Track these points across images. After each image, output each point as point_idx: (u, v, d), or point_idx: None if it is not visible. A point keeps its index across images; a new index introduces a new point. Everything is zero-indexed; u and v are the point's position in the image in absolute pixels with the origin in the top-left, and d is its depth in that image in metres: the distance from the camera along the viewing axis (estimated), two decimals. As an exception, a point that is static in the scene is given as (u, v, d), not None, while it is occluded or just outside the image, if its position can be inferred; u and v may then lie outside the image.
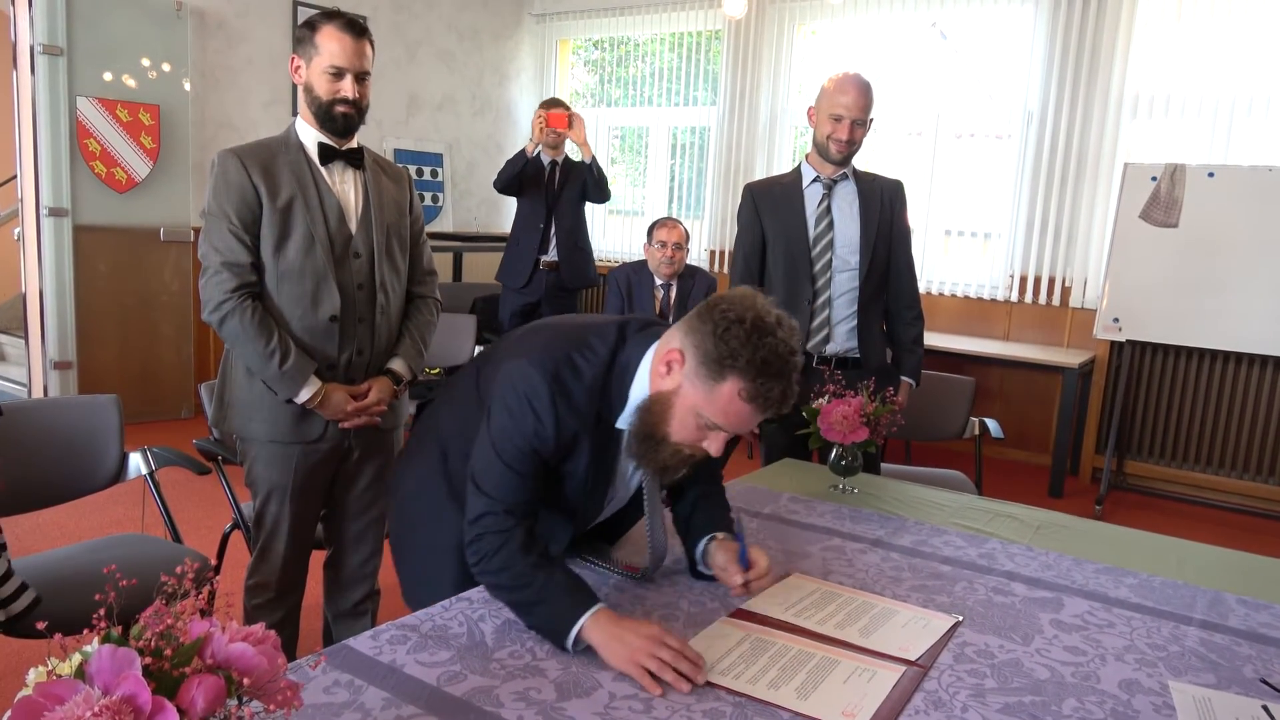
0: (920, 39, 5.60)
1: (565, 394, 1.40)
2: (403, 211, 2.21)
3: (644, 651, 1.24)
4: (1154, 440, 4.97)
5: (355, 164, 2.11)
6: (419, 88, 6.35)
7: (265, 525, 2.14)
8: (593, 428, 1.43)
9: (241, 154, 2.02)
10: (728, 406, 1.32)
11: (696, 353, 1.32)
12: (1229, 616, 1.58)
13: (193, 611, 0.85)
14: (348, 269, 2.07)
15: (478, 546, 1.39)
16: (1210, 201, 4.46)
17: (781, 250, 2.67)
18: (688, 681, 1.22)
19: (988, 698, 1.25)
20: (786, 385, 1.32)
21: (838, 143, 2.57)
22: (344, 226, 2.07)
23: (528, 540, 1.39)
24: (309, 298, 2.03)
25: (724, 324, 1.30)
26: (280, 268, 2.02)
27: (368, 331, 2.13)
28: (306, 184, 2.04)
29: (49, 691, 0.76)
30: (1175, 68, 4.81)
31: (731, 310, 1.31)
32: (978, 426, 3.26)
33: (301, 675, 1.18)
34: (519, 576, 1.35)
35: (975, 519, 2.04)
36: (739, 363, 1.28)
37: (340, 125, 2.04)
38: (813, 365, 2.65)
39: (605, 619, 1.30)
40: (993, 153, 5.47)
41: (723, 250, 6.29)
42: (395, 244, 2.17)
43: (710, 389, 1.31)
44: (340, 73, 1.99)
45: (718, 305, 1.33)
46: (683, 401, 1.34)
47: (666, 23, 6.47)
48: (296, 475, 2.11)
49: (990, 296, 5.42)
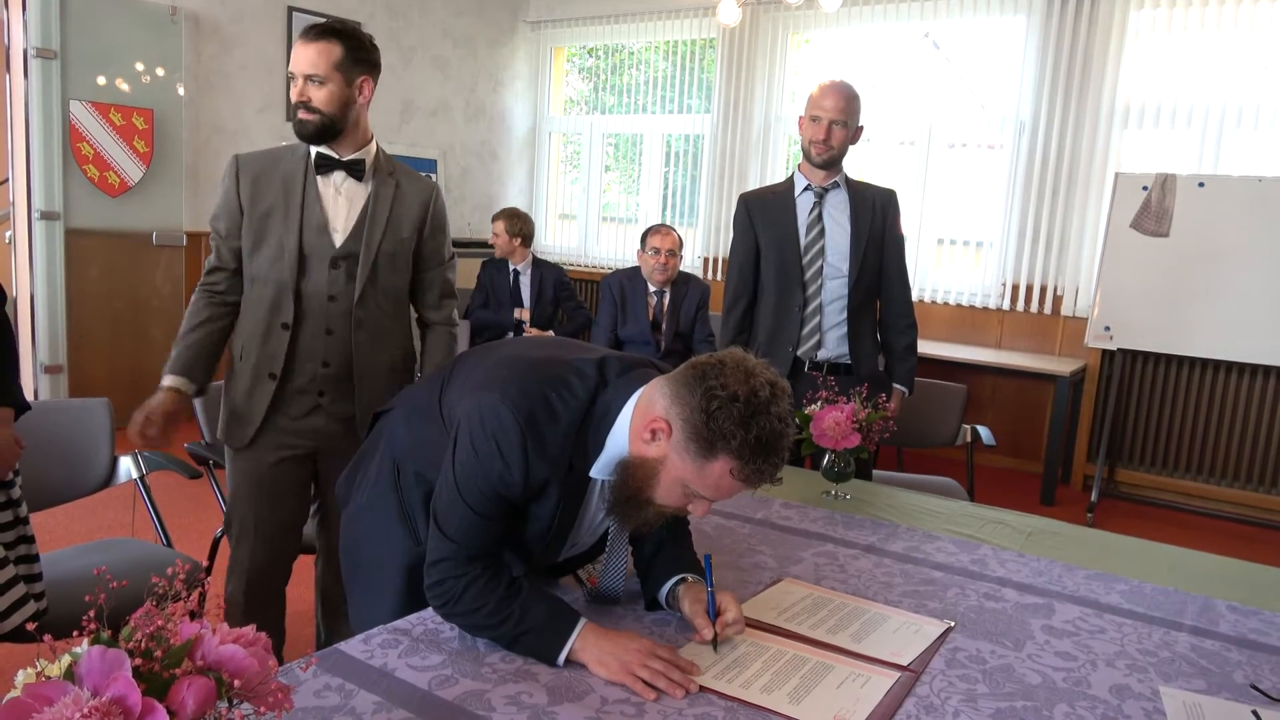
0: (913, 49, 5.63)
1: (539, 439, 1.29)
2: (414, 227, 2.15)
3: (637, 663, 1.24)
4: (1145, 448, 4.98)
5: (355, 174, 2.08)
6: (413, 94, 6.35)
7: (231, 532, 2.18)
8: (564, 475, 1.33)
9: (241, 161, 2.08)
10: (719, 482, 1.25)
11: (685, 427, 1.23)
12: (1219, 622, 1.58)
13: (183, 613, 0.85)
14: (319, 279, 2.05)
15: (440, 590, 1.33)
16: (1201, 211, 4.49)
17: (774, 257, 2.68)
18: (681, 688, 1.22)
19: (979, 703, 1.25)
20: (780, 459, 1.25)
21: (816, 144, 2.60)
22: (324, 237, 2.05)
23: (493, 576, 1.33)
24: (268, 304, 2.06)
25: (715, 403, 1.21)
26: (251, 272, 2.09)
27: (339, 345, 2.09)
28: (292, 193, 2.04)
29: (38, 693, 0.76)
30: (1166, 79, 4.85)
31: (724, 387, 1.21)
32: (970, 434, 3.27)
33: (292, 678, 1.17)
34: (493, 614, 1.30)
35: (967, 525, 2.05)
36: (732, 444, 1.20)
37: (301, 130, 2.01)
38: (804, 370, 2.66)
39: (592, 636, 1.28)
40: (985, 162, 5.50)
41: (716, 257, 6.30)
42: (390, 261, 2.12)
43: (700, 466, 1.24)
44: (293, 77, 2.00)
45: (707, 376, 1.23)
46: (669, 472, 1.27)
47: (661, 30, 6.49)
48: (249, 481, 2.12)
49: (982, 305, 5.44)
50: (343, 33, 2.02)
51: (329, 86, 1.98)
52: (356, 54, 2.02)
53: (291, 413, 2.10)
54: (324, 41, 1.98)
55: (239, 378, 2.12)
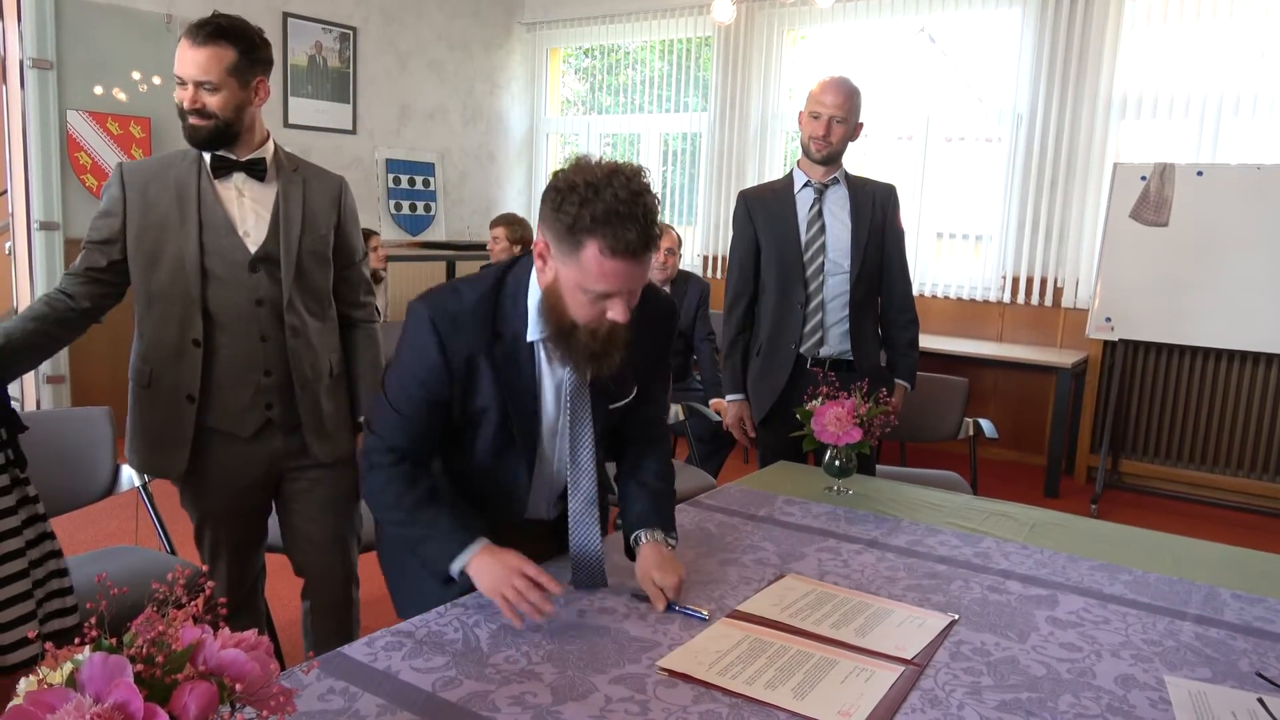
0: (909, 43, 5.62)
1: (448, 318, 1.45)
2: (328, 225, 2.04)
3: (505, 583, 1.34)
4: (1148, 439, 4.98)
5: (257, 174, 1.96)
6: (410, 98, 6.36)
7: (202, 552, 2.11)
8: (489, 346, 1.47)
9: (126, 170, 1.93)
10: (599, 269, 1.33)
11: (551, 233, 1.36)
12: (1224, 611, 1.58)
13: (184, 619, 0.85)
14: (235, 287, 1.92)
15: (366, 482, 1.51)
16: (1199, 200, 4.48)
17: (774, 254, 2.68)
18: (537, 612, 1.33)
19: (984, 695, 1.25)
20: (641, 226, 1.31)
21: (815, 140, 2.59)
22: (232, 239, 1.92)
23: (412, 477, 1.48)
24: (175, 321, 1.91)
25: (559, 197, 1.33)
26: (151, 290, 1.92)
27: (278, 351, 1.97)
28: (187, 200, 1.90)
29: (40, 700, 0.76)
30: (1163, 68, 4.84)
31: (564, 184, 1.34)
32: (972, 427, 3.27)
33: (295, 681, 1.17)
34: (408, 513, 1.46)
35: (970, 518, 2.05)
36: (585, 224, 1.31)
37: (194, 136, 1.88)
38: (807, 367, 2.66)
39: (485, 554, 1.41)
40: (983, 155, 5.49)
41: (715, 256, 6.30)
42: (314, 259, 2.01)
43: (577, 261, 1.34)
44: (182, 82, 1.86)
45: (551, 184, 1.37)
46: (565, 284, 1.38)
47: (656, 30, 6.48)
48: (209, 515, 2.06)
49: (983, 298, 5.43)
50: (235, 33, 1.87)
51: (223, 92, 1.86)
52: (251, 55, 1.89)
53: (243, 434, 1.98)
54: (215, 46, 1.83)
55: (150, 406, 1.97)
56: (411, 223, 6.37)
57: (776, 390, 2.66)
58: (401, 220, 6.30)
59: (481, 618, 1.41)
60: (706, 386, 4.09)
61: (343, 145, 5.92)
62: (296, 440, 2.03)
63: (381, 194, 6.18)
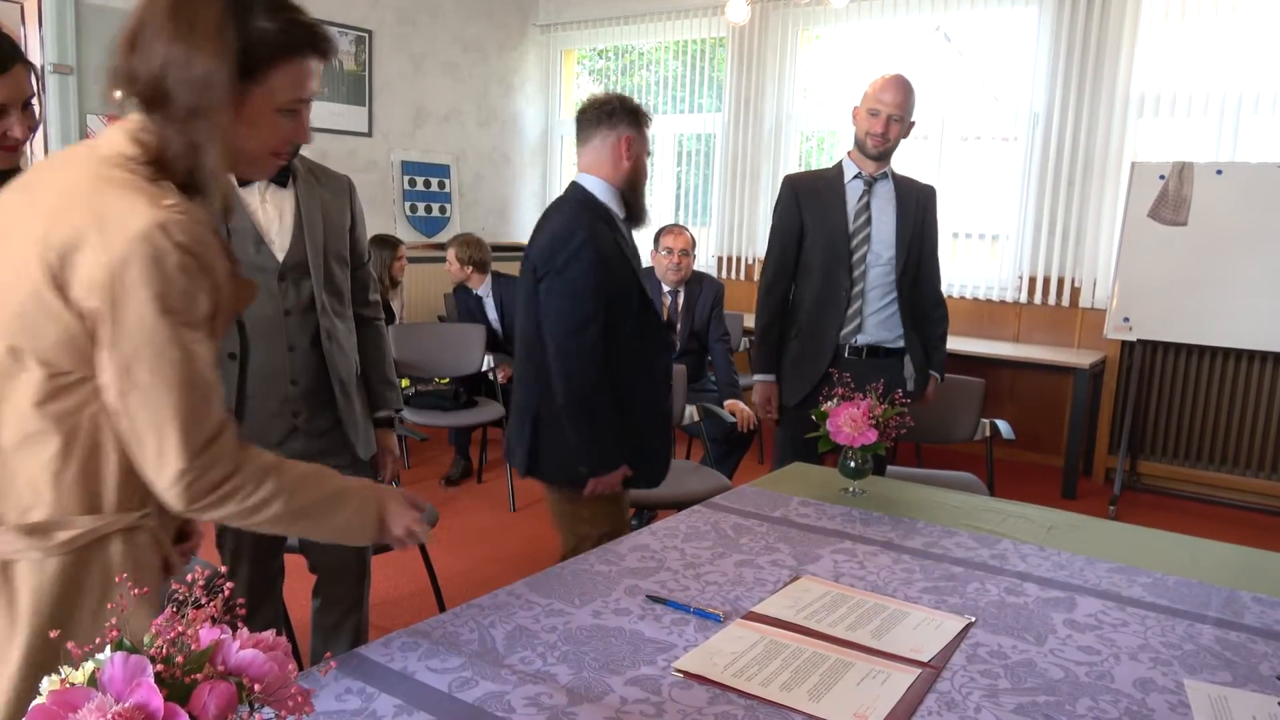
0: (924, 42, 5.60)
1: (588, 221, 2.15)
2: (345, 227, 2.07)
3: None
4: (1167, 440, 4.93)
5: (280, 180, 1.95)
6: (425, 100, 6.38)
7: (224, 554, 2.10)
8: (614, 225, 2.22)
9: None
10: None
11: (631, 130, 2.49)
12: (1244, 614, 1.56)
13: (204, 619, 0.86)
14: (264, 297, 1.90)
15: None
16: (1219, 199, 4.44)
17: (822, 241, 2.74)
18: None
19: (1001, 698, 1.24)
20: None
21: (873, 137, 2.67)
22: (263, 250, 1.92)
23: None
24: None
25: (610, 105, 2.07)
26: None
27: (305, 360, 1.97)
28: None
29: (63, 699, 0.77)
30: (1180, 66, 4.80)
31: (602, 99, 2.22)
32: (989, 428, 3.25)
33: (312, 682, 1.18)
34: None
35: (986, 520, 2.04)
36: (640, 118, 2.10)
37: None
38: (844, 356, 2.70)
39: None
40: (999, 155, 5.47)
41: (730, 256, 6.29)
42: (335, 263, 2.03)
43: (644, 138, 2.15)
44: None
45: (593, 107, 2.26)
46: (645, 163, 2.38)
47: (670, 31, 6.49)
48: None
49: (1000, 298, 5.41)
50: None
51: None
52: None
53: (268, 441, 1.95)
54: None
55: None
56: (427, 224, 6.40)
57: (816, 374, 2.70)
58: (417, 222, 6.33)
59: (497, 618, 1.41)
60: (721, 387, 4.08)
61: (358, 148, 5.95)
62: (318, 444, 2.04)
63: (397, 196, 6.21)
